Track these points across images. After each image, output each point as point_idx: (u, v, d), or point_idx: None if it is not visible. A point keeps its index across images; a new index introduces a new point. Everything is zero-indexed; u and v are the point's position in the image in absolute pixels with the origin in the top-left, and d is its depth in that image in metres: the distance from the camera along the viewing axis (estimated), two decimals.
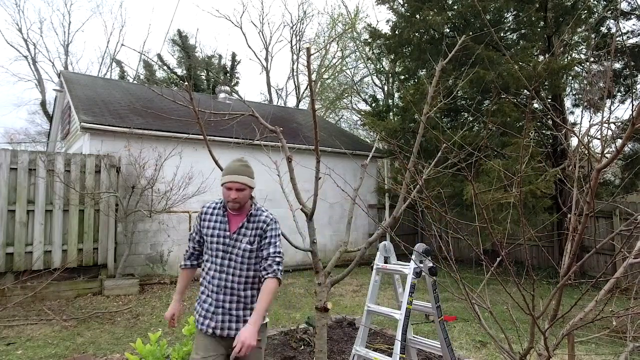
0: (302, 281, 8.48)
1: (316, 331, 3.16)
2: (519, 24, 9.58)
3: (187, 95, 2.71)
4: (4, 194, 6.38)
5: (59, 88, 11.14)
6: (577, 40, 10.39)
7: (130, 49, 29.93)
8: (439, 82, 3.68)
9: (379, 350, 4.05)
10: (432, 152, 8.09)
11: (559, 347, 2.12)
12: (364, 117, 18.74)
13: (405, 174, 3.36)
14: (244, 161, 2.37)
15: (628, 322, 2.27)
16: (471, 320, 5.41)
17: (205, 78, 21.39)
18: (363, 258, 3.38)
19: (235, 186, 2.25)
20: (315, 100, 7.69)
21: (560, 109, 9.24)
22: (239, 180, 2.27)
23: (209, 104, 10.35)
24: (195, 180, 7.75)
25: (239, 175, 2.28)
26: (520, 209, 1.91)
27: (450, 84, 8.74)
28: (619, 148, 1.49)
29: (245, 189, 2.29)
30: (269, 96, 25.13)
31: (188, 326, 3.62)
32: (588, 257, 1.91)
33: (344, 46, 23.56)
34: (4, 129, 33.79)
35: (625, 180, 9.08)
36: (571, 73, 9.28)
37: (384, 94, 21.49)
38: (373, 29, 11.62)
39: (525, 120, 8.18)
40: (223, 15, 43.49)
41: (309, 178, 3.76)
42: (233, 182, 2.26)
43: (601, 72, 7.60)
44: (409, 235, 11.58)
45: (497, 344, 2.03)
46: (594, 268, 8.54)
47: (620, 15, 9.00)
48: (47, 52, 35.40)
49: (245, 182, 2.28)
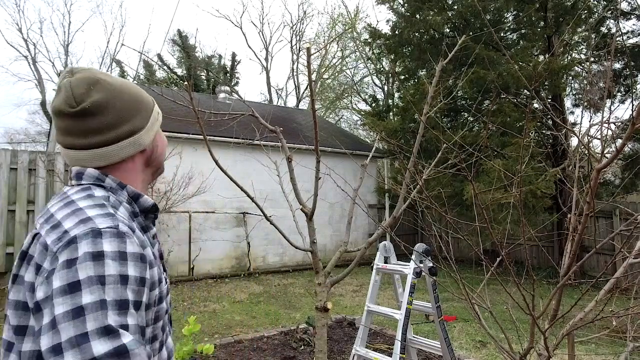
0: (302, 281, 8.48)
1: (316, 331, 3.16)
2: (519, 24, 9.58)
3: (187, 95, 2.71)
4: (4, 194, 6.38)
5: None
6: (577, 40, 10.39)
7: (130, 49, 29.96)
8: (439, 82, 3.68)
9: (379, 350, 4.05)
10: (432, 152, 8.08)
11: (559, 347, 2.12)
12: (364, 117, 18.77)
13: (405, 174, 3.36)
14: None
15: (628, 322, 2.27)
16: (471, 320, 5.41)
17: (205, 78, 21.40)
18: (363, 258, 3.38)
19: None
20: (315, 100, 7.70)
21: (560, 109, 9.24)
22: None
23: (209, 104, 10.35)
24: (195, 180, 7.75)
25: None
26: (520, 209, 1.91)
27: (450, 84, 8.73)
28: (619, 148, 1.49)
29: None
30: (269, 96, 25.14)
31: (188, 326, 3.62)
32: (588, 257, 1.91)
33: (344, 46, 23.58)
34: (4, 129, 33.80)
35: (625, 180, 9.07)
36: (571, 73, 9.27)
37: (384, 94, 21.50)
38: (373, 29, 11.62)
39: (525, 120, 8.17)
40: (223, 15, 43.45)
41: (309, 178, 3.76)
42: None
43: (601, 72, 7.61)
44: (409, 235, 11.58)
45: (497, 344, 2.03)
46: (594, 268, 8.54)
47: (620, 15, 9.00)
48: (47, 52, 35.34)
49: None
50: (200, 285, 7.93)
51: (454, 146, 2.41)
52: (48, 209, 0.87)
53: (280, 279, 8.72)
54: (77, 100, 0.90)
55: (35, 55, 23.99)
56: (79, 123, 0.90)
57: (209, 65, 22.19)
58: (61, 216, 0.82)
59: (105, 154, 0.93)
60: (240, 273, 8.94)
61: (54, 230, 0.80)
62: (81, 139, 0.91)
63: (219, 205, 8.79)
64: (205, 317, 5.71)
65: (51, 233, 0.80)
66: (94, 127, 0.91)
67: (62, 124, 0.92)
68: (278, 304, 6.53)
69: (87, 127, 0.91)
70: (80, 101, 0.90)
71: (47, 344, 0.69)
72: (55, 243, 0.77)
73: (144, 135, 0.99)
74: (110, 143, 0.93)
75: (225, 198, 8.52)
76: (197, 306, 6.36)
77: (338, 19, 23.69)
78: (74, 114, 0.90)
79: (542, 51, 9.93)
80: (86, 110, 0.90)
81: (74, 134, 0.92)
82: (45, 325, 0.70)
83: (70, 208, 0.84)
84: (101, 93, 0.92)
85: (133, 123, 0.97)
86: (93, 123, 0.91)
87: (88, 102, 0.90)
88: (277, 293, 7.39)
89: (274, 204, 6.56)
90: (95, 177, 0.93)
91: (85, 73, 0.94)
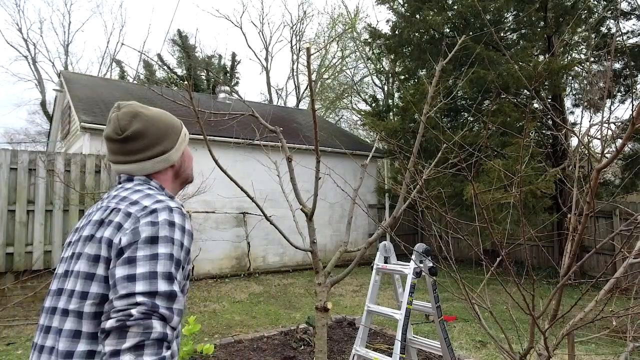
0: (302, 281, 8.48)
1: (316, 331, 3.16)
2: (519, 24, 9.58)
3: (187, 95, 2.71)
4: (4, 194, 6.37)
5: (59, 88, 11.13)
6: (577, 40, 10.39)
7: (130, 49, 29.92)
8: (439, 82, 3.68)
9: (379, 350, 4.05)
10: (432, 152, 8.08)
11: (559, 347, 2.12)
12: (364, 117, 18.76)
13: (405, 174, 3.36)
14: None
15: (628, 322, 2.27)
16: (471, 320, 5.41)
17: (205, 78, 21.38)
18: (363, 258, 3.38)
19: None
20: (315, 100, 7.70)
21: (560, 109, 9.24)
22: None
23: (209, 104, 10.35)
24: (195, 180, 7.73)
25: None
26: (520, 209, 1.91)
27: (450, 84, 8.74)
28: (619, 148, 1.49)
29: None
30: (269, 96, 25.14)
31: (188, 326, 3.62)
32: (588, 257, 1.91)
33: (344, 46, 23.58)
34: (4, 129, 33.77)
35: (625, 180, 9.07)
36: (571, 73, 9.28)
37: (384, 94, 21.49)
38: (373, 29, 11.62)
39: (525, 120, 8.17)
40: (223, 15, 43.46)
41: (309, 178, 3.76)
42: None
43: (601, 72, 7.61)
44: (409, 235, 11.58)
45: (497, 344, 2.03)
46: (594, 268, 8.54)
47: (620, 15, 9.00)
48: (47, 52, 35.41)
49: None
50: (200, 285, 7.93)
51: (454, 146, 2.41)
52: (118, 194, 1.16)
53: (280, 279, 8.72)
54: (122, 129, 1.19)
55: (35, 55, 24.03)
56: (123, 146, 1.20)
57: (209, 65, 22.18)
58: (137, 197, 1.12)
59: (143, 167, 1.23)
60: (240, 273, 8.94)
61: (134, 206, 1.09)
62: (125, 157, 1.21)
63: (219, 205, 8.79)
64: (205, 317, 5.71)
65: (132, 207, 1.09)
66: (134, 148, 1.21)
67: (111, 146, 1.23)
68: (278, 304, 6.53)
69: (129, 148, 1.21)
70: (124, 130, 1.19)
71: (123, 274, 0.97)
72: (138, 212, 1.07)
73: (173, 154, 1.28)
74: (146, 159, 1.22)
75: (225, 198, 8.51)
76: (197, 306, 6.36)
77: (338, 19, 23.71)
78: (120, 139, 1.20)
79: (542, 51, 9.93)
80: (128, 137, 1.19)
81: (119, 153, 1.22)
82: (123, 261, 0.99)
83: (143, 193, 1.14)
84: (140, 123, 1.21)
85: (164, 145, 1.26)
86: (134, 146, 1.21)
87: (130, 130, 1.19)
88: (277, 293, 7.39)
89: (274, 204, 6.56)
90: (144, 179, 1.23)
91: (129, 108, 1.23)
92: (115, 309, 0.93)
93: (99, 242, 1.06)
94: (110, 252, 1.03)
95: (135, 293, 0.93)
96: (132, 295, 0.93)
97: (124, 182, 1.22)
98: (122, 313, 0.92)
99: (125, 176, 1.23)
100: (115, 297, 0.94)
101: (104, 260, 1.04)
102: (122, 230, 1.04)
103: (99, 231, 1.08)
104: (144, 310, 0.92)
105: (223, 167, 3.00)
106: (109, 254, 1.03)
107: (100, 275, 1.03)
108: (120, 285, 0.95)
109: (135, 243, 1.00)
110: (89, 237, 1.09)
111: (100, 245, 1.05)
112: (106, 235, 1.05)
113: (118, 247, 1.02)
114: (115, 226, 1.05)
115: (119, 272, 0.97)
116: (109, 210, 1.11)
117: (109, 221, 1.08)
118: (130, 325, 0.91)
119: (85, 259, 1.06)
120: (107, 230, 1.06)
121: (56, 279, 1.14)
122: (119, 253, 1.01)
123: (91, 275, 1.04)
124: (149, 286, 0.95)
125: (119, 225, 1.05)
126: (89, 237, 1.09)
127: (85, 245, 1.08)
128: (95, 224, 1.10)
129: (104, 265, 1.03)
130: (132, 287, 0.94)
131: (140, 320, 0.91)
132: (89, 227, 1.11)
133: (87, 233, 1.10)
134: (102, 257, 1.04)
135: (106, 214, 1.10)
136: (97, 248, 1.05)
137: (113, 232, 1.05)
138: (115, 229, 1.05)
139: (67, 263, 1.12)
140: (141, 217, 1.05)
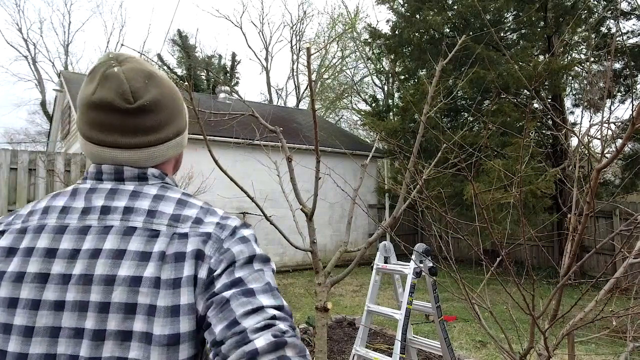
0: (302, 281, 8.48)
1: (316, 331, 3.16)
2: (519, 24, 9.58)
3: (187, 95, 2.71)
4: (4, 193, 6.38)
5: (59, 88, 11.14)
6: (577, 40, 10.39)
7: (130, 49, 29.94)
8: (439, 82, 3.68)
9: (379, 350, 4.05)
10: (432, 152, 8.08)
11: (559, 347, 2.12)
12: (364, 117, 18.76)
13: (405, 174, 3.36)
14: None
15: (628, 322, 2.27)
16: (471, 320, 5.41)
17: (205, 78, 21.39)
18: (363, 258, 3.38)
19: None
20: (315, 100, 7.70)
21: (560, 109, 9.24)
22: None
23: (209, 104, 10.35)
24: (195, 180, 7.75)
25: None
26: (520, 209, 1.91)
27: (450, 84, 8.74)
28: (619, 148, 1.49)
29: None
30: (269, 96, 25.15)
31: None
32: (588, 257, 1.91)
33: (344, 46, 23.58)
34: (4, 129, 33.80)
35: (625, 180, 9.07)
36: (571, 73, 9.28)
37: (384, 94, 21.49)
38: (373, 29, 11.62)
39: (525, 120, 8.17)
40: (223, 15, 43.49)
41: (309, 178, 3.76)
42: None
43: (601, 72, 7.61)
44: (409, 235, 11.58)
45: (497, 344, 2.03)
46: (594, 268, 8.54)
47: (620, 15, 9.00)
48: (47, 52, 35.46)
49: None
50: None
51: (454, 146, 2.41)
52: (139, 208, 0.78)
53: (280, 279, 8.72)
54: (135, 96, 0.79)
55: (35, 55, 24.07)
56: (131, 120, 0.79)
57: (209, 65, 22.18)
58: (195, 214, 0.80)
59: (152, 155, 0.83)
60: None
61: (200, 225, 0.78)
62: (128, 137, 0.80)
63: (219, 205, 8.64)
64: None
65: (199, 228, 0.77)
66: (148, 125, 0.81)
67: (108, 119, 0.79)
68: None
69: (140, 125, 0.80)
70: (138, 96, 0.79)
71: (233, 292, 0.71)
72: (218, 232, 0.78)
73: (185, 137, 0.92)
74: (158, 143, 0.84)
75: (225, 198, 8.50)
76: None
77: (338, 19, 23.72)
78: (130, 110, 0.78)
79: (542, 51, 9.94)
80: (144, 107, 0.80)
81: (122, 131, 0.80)
82: (225, 286, 0.72)
83: (196, 206, 0.82)
84: (157, 88, 0.83)
85: (179, 122, 0.89)
86: (147, 121, 0.81)
87: (146, 98, 0.80)
88: None
89: (274, 204, 6.56)
90: (158, 174, 0.85)
91: (136, 64, 0.83)
92: (244, 330, 0.66)
93: (172, 285, 0.71)
94: (194, 293, 0.73)
95: (264, 307, 0.70)
96: (261, 309, 0.70)
97: (128, 182, 0.81)
98: (272, 330, 0.67)
99: (118, 169, 0.81)
100: (240, 315, 0.68)
101: (187, 310, 0.71)
102: (207, 259, 0.74)
103: (161, 270, 0.72)
104: (288, 325, 0.70)
105: (223, 167, 3.00)
106: (193, 298, 0.72)
107: (187, 333, 0.71)
108: (236, 303, 0.69)
109: (232, 265, 0.74)
110: (131, 280, 0.71)
111: (176, 290, 0.71)
112: (186, 275, 0.72)
113: (206, 280, 0.73)
114: (192, 256, 0.74)
115: (224, 295, 0.70)
116: (167, 238, 0.75)
117: (175, 254, 0.74)
118: (288, 342, 0.67)
119: (163, 315, 0.70)
120: (177, 266, 0.73)
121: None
122: (208, 285, 0.73)
123: (174, 338, 0.70)
124: (273, 300, 0.72)
125: (196, 254, 0.74)
126: (130, 279, 0.71)
127: (129, 293, 0.70)
128: (135, 257, 0.73)
129: (189, 315, 0.71)
130: (256, 302, 0.70)
131: (294, 339, 0.68)
132: (113, 263, 0.72)
133: (126, 273, 0.71)
134: (183, 306, 0.71)
135: (158, 244, 0.74)
136: (171, 296, 0.71)
137: (192, 266, 0.73)
138: (194, 260, 0.74)
139: (74, 312, 0.71)
140: (226, 239, 0.77)
